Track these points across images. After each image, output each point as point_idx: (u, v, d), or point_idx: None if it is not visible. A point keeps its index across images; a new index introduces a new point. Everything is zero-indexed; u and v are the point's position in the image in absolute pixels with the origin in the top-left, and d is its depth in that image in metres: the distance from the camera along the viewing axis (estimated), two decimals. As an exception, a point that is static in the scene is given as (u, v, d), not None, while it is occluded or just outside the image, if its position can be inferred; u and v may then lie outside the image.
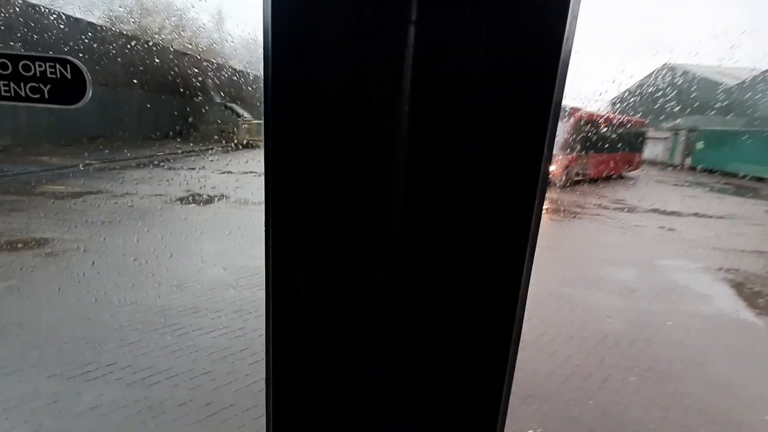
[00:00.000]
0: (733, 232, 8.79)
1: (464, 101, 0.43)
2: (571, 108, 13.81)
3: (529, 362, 3.41)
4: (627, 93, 36.90)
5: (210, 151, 17.88)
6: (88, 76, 0.72)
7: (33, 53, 0.69)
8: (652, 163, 28.23)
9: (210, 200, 8.36)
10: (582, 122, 13.87)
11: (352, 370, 0.52)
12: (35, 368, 2.73)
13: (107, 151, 14.40)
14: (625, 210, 10.54)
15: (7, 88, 0.69)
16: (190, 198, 8.44)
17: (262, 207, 0.52)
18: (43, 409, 2.40)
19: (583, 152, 14.56)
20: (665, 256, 6.55)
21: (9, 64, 0.68)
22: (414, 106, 0.43)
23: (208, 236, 5.93)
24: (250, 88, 31.75)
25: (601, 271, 5.55)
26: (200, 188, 9.60)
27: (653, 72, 34.61)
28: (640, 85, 36.36)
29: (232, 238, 5.89)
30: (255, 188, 10.09)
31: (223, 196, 8.84)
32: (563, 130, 13.54)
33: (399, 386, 0.51)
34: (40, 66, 0.69)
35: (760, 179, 20.35)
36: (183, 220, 6.86)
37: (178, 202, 7.96)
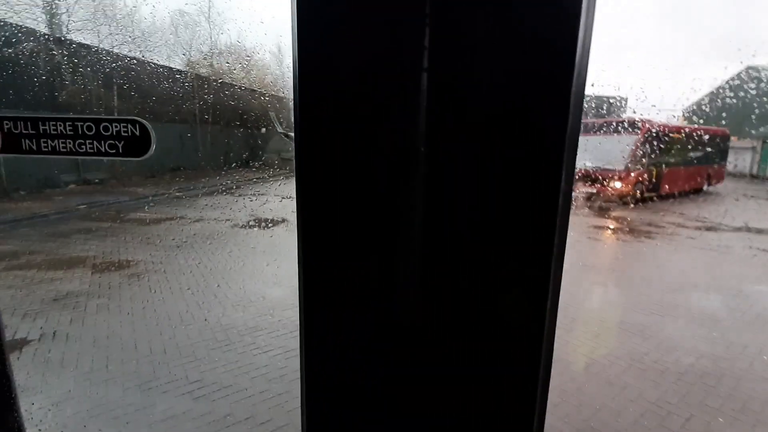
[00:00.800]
0: None
1: (479, 102, 0.44)
2: (640, 120, 12.93)
3: (596, 397, 3.14)
4: (707, 99, 33.78)
5: (273, 178, 19.07)
6: (152, 133, 0.85)
7: (111, 116, 0.85)
8: (738, 175, 25.29)
9: (270, 224, 8.86)
10: (651, 134, 12.89)
11: (372, 372, 0.53)
12: (117, 380, 3.03)
13: (185, 180, 15.92)
14: (707, 229, 9.49)
15: (91, 146, 0.84)
16: (254, 222, 9.01)
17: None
18: (122, 418, 2.64)
19: (655, 166, 13.45)
20: (757, 282, 5.77)
21: (93, 126, 0.83)
22: (431, 108, 0.45)
23: (270, 258, 6.27)
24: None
25: (680, 298, 5.01)
26: (263, 213, 10.22)
27: (735, 75, 31.46)
28: (719, 90, 33.12)
29: (291, 260, 6.18)
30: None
31: (283, 220, 9.34)
32: (630, 143, 12.67)
33: (431, 387, 0.52)
34: (116, 126, 0.83)
35: None
36: (246, 243, 7.33)
37: (243, 227, 8.53)
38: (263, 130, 24.55)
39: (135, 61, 15.44)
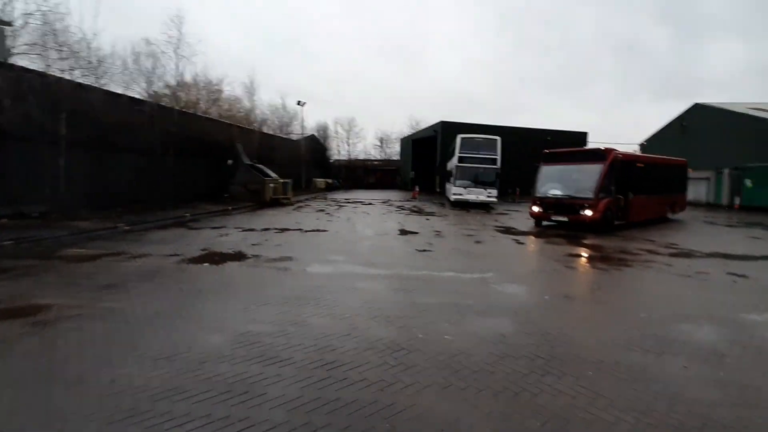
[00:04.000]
0: (822, 276, 7.45)
1: None
2: (605, 148, 13.12)
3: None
4: (659, 133, 35.82)
5: (237, 210, 18.11)
6: None
7: None
8: (696, 204, 26.38)
9: (224, 259, 7.98)
10: (617, 162, 13.05)
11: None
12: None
13: (139, 213, 14.71)
14: (681, 255, 9.35)
15: None
16: (205, 257, 8.10)
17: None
18: None
19: (623, 194, 13.56)
20: (747, 310, 5.42)
21: None
22: None
23: (213, 297, 5.42)
24: (277, 150, 33.00)
25: (674, 331, 4.54)
26: (218, 246, 9.30)
27: (684, 111, 33.64)
28: (671, 124, 35.27)
29: (239, 299, 5.35)
30: (273, 245, 9.73)
31: (240, 254, 8.47)
32: (597, 171, 12.74)
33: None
34: None
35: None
36: (190, 280, 6.43)
37: (192, 262, 7.61)
38: (230, 162, 23.73)
39: (86, 88, 14.55)
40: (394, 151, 60.51)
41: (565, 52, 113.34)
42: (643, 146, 36.54)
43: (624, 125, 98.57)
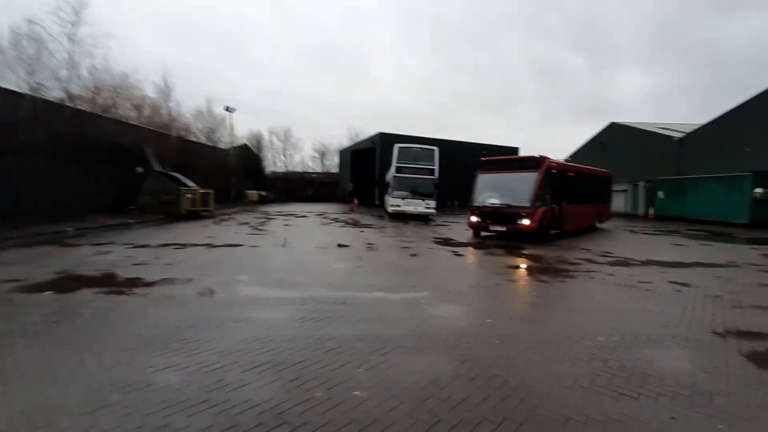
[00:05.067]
0: (752, 281, 7.31)
1: None
2: (539, 156, 12.88)
3: None
4: (581, 150, 38.19)
5: (140, 224, 15.49)
6: None
7: None
8: (617, 214, 28.06)
9: (85, 285, 6.04)
10: (551, 170, 12.85)
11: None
12: None
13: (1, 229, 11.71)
14: (619, 264, 9.00)
15: None
16: (57, 284, 6.09)
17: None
18: None
19: (557, 204, 13.41)
20: (707, 325, 4.79)
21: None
22: None
23: (21, 343, 3.63)
24: (201, 159, 30.13)
25: (642, 360, 3.66)
26: (83, 269, 7.24)
27: (602, 130, 36.24)
28: (591, 142, 37.82)
29: (54, 349, 3.62)
30: (162, 264, 7.85)
31: (109, 278, 6.56)
32: (533, 179, 12.40)
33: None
34: None
35: (727, 223, 20.09)
36: (11, 316, 4.51)
37: (33, 291, 5.60)
38: (139, 169, 20.75)
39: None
40: (334, 163, 58.91)
41: (497, 73, 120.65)
42: (567, 162, 38.84)
43: (549, 144, 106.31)
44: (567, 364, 3.56)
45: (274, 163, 55.70)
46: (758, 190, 19.12)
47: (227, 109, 33.90)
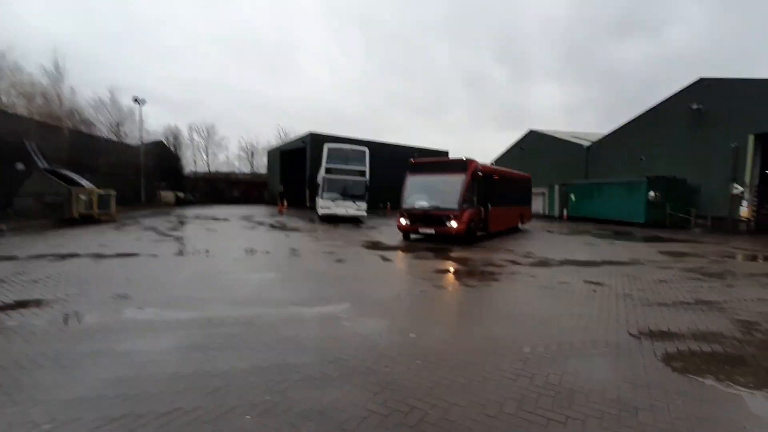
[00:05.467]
0: (654, 278, 7.83)
1: None
2: (466, 158, 13.01)
3: None
4: (503, 155, 40.45)
5: (14, 230, 12.90)
6: None
7: None
8: (536, 215, 30.03)
9: None
10: (478, 173, 13.04)
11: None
12: None
13: None
14: (539, 264, 9.23)
15: None
16: None
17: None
18: None
19: (482, 206, 13.68)
20: (622, 326, 4.82)
21: None
22: None
23: None
24: (102, 155, 26.68)
25: (567, 373, 3.44)
26: None
27: (522, 137, 38.73)
28: (512, 148, 40.25)
29: None
30: (25, 281, 6.35)
31: (-62, 301, 5.05)
32: (460, 181, 12.47)
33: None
34: None
35: (628, 223, 22.37)
36: None
37: None
38: (19, 166, 17.50)
39: None
40: (262, 163, 56.03)
41: (428, 78, 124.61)
42: (493, 165, 40.95)
43: (476, 148, 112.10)
44: (492, 386, 3.20)
45: (195, 162, 51.44)
46: (651, 194, 21.48)
47: (136, 100, 30.40)
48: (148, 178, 32.32)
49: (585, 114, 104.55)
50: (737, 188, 19.67)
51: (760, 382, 3.38)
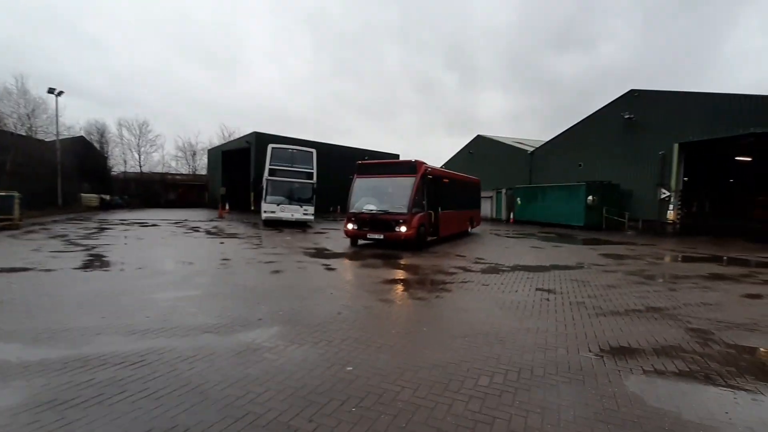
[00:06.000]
0: (601, 282, 7.72)
1: None
2: (416, 160, 12.52)
3: None
4: (452, 160, 41.01)
5: None
6: None
7: None
8: (484, 219, 30.57)
9: None
10: (428, 175, 12.60)
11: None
12: None
13: None
14: (491, 271, 8.88)
15: None
16: None
17: None
18: None
19: (433, 209, 13.27)
20: (576, 346, 4.41)
21: None
22: None
23: None
24: (7, 152, 23.32)
25: (531, 407, 2.87)
26: None
27: (470, 141, 39.55)
28: (461, 152, 40.97)
29: None
30: None
31: None
32: (410, 184, 11.95)
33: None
34: None
35: (568, 226, 23.29)
36: None
37: None
38: None
39: None
40: (204, 164, 52.50)
41: (379, 81, 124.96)
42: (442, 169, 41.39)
43: (426, 153, 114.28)
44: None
45: (126, 162, 46.92)
46: (590, 198, 22.48)
47: (51, 91, 26.95)
48: (67, 179, 28.75)
49: (527, 122, 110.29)
50: (664, 193, 21.07)
51: (742, 411, 3.01)
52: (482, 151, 37.74)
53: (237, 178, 38.14)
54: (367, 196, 12.73)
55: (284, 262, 9.32)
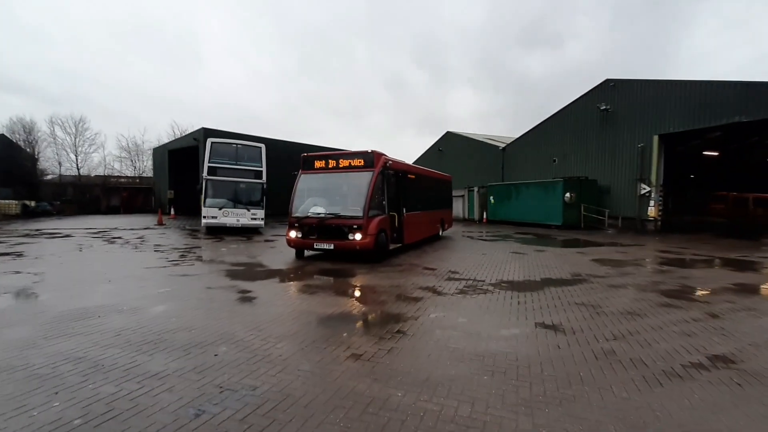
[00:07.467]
0: (616, 308, 5.68)
1: None
2: (372, 151, 10.19)
3: None
4: (422, 158, 39.08)
5: None
6: None
7: None
8: (456, 219, 28.69)
9: None
10: (388, 169, 10.31)
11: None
12: None
13: None
14: (469, 290, 6.69)
15: None
16: None
17: None
18: None
19: (396, 211, 11.02)
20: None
21: None
22: None
23: None
24: None
25: None
26: None
27: (440, 138, 37.77)
28: (431, 149, 39.11)
29: None
30: None
31: None
32: (367, 180, 9.64)
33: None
34: None
35: (545, 225, 21.73)
36: None
37: None
38: None
39: None
40: (151, 165, 47.87)
41: (348, 80, 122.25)
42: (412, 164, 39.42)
43: (396, 152, 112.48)
44: None
45: (60, 163, 41.91)
46: (567, 195, 20.94)
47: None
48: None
49: (496, 121, 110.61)
50: (644, 188, 19.79)
51: None
52: (452, 148, 36.02)
53: (186, 178, 34.54)
54: (315, 196, 10.32)
55: (186, 288, 6.76)
